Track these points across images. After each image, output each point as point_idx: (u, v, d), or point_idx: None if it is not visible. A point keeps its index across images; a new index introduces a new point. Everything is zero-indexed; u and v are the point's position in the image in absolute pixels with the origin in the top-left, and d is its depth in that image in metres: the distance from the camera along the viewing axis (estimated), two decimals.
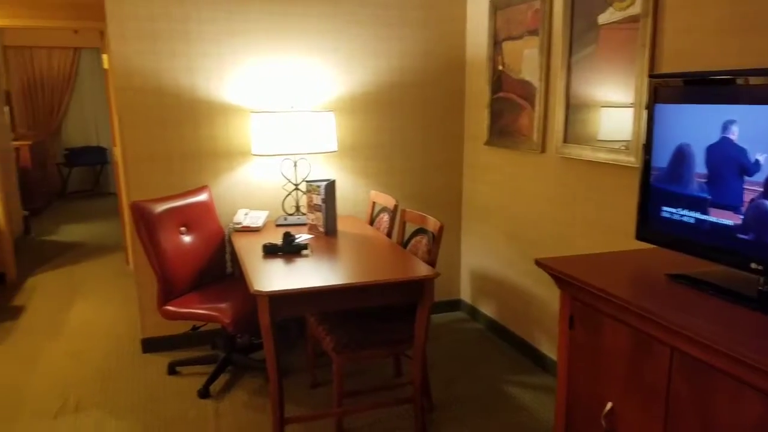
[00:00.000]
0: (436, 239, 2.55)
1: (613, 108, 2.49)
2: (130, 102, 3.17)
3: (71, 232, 6.55)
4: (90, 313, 4.06)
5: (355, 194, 3.67)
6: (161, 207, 3.02)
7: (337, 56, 3.48)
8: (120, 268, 5.16)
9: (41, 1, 4.45)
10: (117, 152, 4.86)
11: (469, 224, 3.87)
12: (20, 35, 7.97)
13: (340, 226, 3.22)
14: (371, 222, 3.33)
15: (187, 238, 3.11)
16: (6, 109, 6.18)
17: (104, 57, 4.81)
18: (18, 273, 4.96)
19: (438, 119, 3.74)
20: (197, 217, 3.20)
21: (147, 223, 2.92)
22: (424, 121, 3.72)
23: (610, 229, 2.57)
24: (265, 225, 3.32)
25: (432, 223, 2.61)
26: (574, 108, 2.71)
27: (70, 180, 8.76)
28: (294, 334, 3.60)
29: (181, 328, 3.41)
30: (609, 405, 1.60)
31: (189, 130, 3.30)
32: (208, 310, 2.85)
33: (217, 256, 3.28)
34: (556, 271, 1.72)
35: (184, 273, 3.04)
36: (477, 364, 3.24)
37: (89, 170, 8.91)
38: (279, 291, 2.23)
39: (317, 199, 3.06)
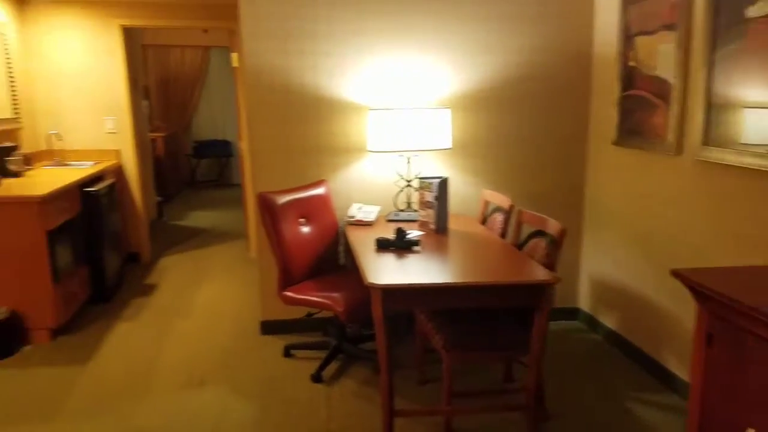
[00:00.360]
0: (556, 243, 2.46)
1: (763, 109, 2.26)
2: (259, 98, 3.35)
3: (198, 219, 7.08)
4: (215, 294, 4.37)
5: (467, 192, 3.64)
6: (284, 198, 3.18)
7: (453, 53, 3.46)
8: (242, 254, 5.49)
9: (176, 3, 4.83)
10: (243, 146, 5.17)
11: (591, 228, 3.69)
12: (157, 35, 8.72)
13: (452, 224, 3.20)
14: (483, 221, 3.28)
15: (305, 229, 3.24)
16: (145, 103, 6.80)
17: (233, 55, 5.13)
18: (151, 254, 5.44)
19: (558, 117, 3.60)
20: (315, 210, 3.33)
21: (271, 213, 3.08)
22: (543, 118, 3.60)
23: (755, 241, 2.34)
24: (377, 220, 3.38)
25: (552, 226, 2.52)
26: (716, 108, 2.49)
27: (198, 170, 9.48)
28: (402, 329, 3.64)
29: (296, 313, 3.56)
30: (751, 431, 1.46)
31: (310, 126, 3.44)
32: (323, 299, 2.95)
33: (332, 248, 3.39)
34: (696, 283, 1.60)
35: (302, 262, 3.18)
36: (595, 376, 3.09)
37: (215, 162, 9.57)
38: (392, 285, 2.26)
39: (429, 196, 3.07)
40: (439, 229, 3.07)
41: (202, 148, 9.13)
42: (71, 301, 3.63)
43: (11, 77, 4.28)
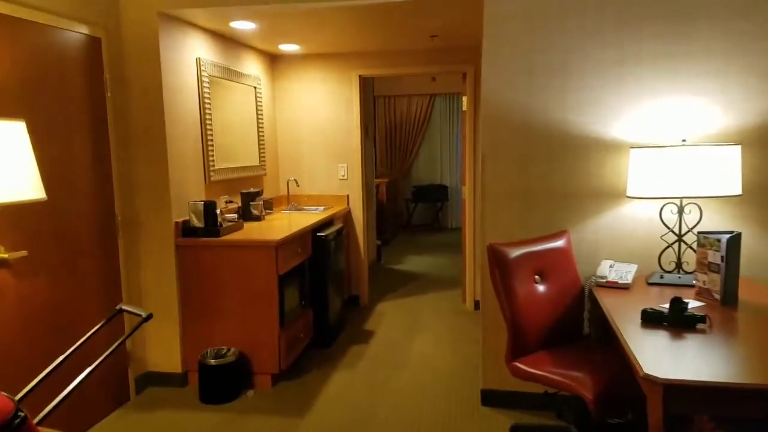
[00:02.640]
0: None
1: None
2: (495, 138, 3.02)
3: (414, 263, 7.01)
4: (430, 347, 4.08)
5: (761, 251, 2.80)
6: (517, 251, 2.75)
7: (745, 76, 2.72)
8: (456, 305, 5.17)
9: (411, 50, 4.82)
10: (465, 190, 4.91)
11: None
12: (386, 86, 9.15)
13: (742, 292, 2.44)
14: None
15: (541, 288, 2.76)
16: (372, 150, 7.02)
17: (464, 99, 4.94)
18: (369, 297, 5.42)
19: None
20: (554, 265, 2.84)
21: (502, 267, 2.67)
22: None
23: None
24: (634, 282, 2.75)
25: None
26: None
27: (415, 214, 9.58)
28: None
29: (523, 385, 3.07)
30: None
31: (554, 168, 2.99)
32: (565, 378, 2.41)
33: (573, 313, 2.84)
34: None
35: (536, 327, 2.69)
36: None
37: (431, 206, 9.59)
38: (679, 381, 1.67)
39: (714, 257, 2.36)
40: (726, 299, 2.34)
41: (420, 192, 9.22)
42: (295, 345, 3.64)
43: (261, 127, 4.65)
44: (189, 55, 3.58)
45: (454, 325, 4.60)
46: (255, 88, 4.57)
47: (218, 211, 3.46)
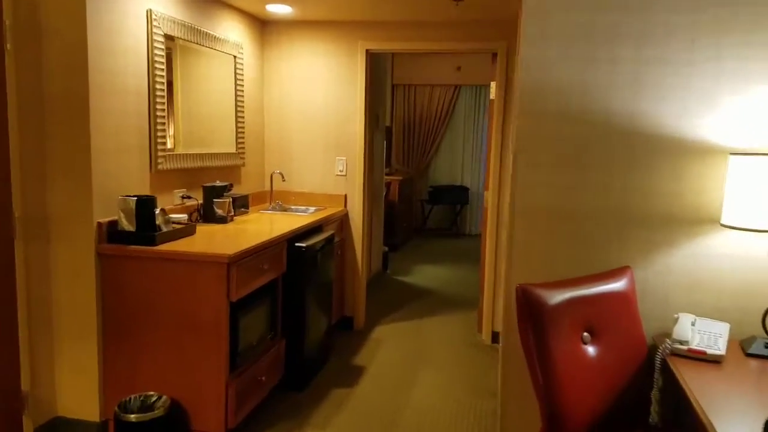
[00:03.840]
0: None
1: None
2: (533, 134, 2.12)
3: (426, 275, 6.11)
4: (434, 396, 3.20)
5: None
6: (559, 295, 1.86)
7: None
8: (470, 334, 4.28)
9: (430, 21, 3.92)
10: (488, 197, 4.01)
11: None
12: (406, 73, 8.23)
13: None
14: None
15: (591, 350, 1.89)
16: (383, 143, 6.15)
17: (492, 85, 4.04)
18: (366, 318, 4.56)
19: None
20: (610, 318, 1.95)
21: (536, 319, 1.79)
22: None
23: None
24: (727, 351, 1.85)
25: None
26: None
27: (430, 217, 8.67)
28: None
29: None
30: None
31: (613, 178, 2.08)
32: None
33: (635, 391, 1.96)
34: None
35: (582, 408, 1.81)
36: None
37: (449, 209, 8.67)
38: None
39: None
40: None
41: (437, 193, 8.28)
42: (252, 393, 2.77)
43: (240, 107, 3.80)
44: (136, 5, 2.74)
45: (465, 362, 3.71)
46: (235, 57, 3.72)
47: (158, 211, 2.62)
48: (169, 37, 3.00)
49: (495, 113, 3.90)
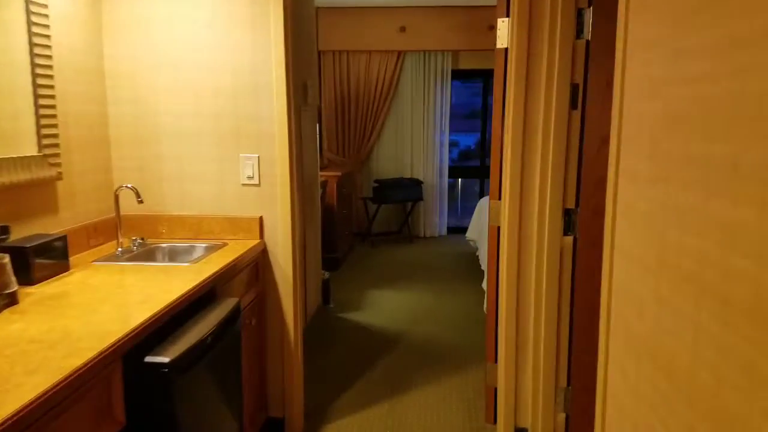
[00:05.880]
0: None
1: None
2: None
3: (381, 307, 4.45)
4: None
5: None
6: None
7: None
8: (475, 427, 2.69)
9: None
10: (503, 209, 2.39)
11: None
12: (337, 35, 6.47)
13: None
14: None
15: None
16: (316, 128, 4.43)
17: (500, 24, 2.39)
18: (308, 410, 2.87)
19: None
20: None
21: None
22: None
23: None
24: None
25: None
26: None
27: (376, 219, 6.94)
28: None
29: None
30: None
31: None
32: None
33: None
34: None
35: None
36: None
37: (399, 207, 7.04)
38: None
39: None
40: None
41: (384, 189, 6.58)
42: None
43: (44, 76, 1.97)
44: None
45: None
46: None
47: None
48: None
49: (513, 73, 2.28)
